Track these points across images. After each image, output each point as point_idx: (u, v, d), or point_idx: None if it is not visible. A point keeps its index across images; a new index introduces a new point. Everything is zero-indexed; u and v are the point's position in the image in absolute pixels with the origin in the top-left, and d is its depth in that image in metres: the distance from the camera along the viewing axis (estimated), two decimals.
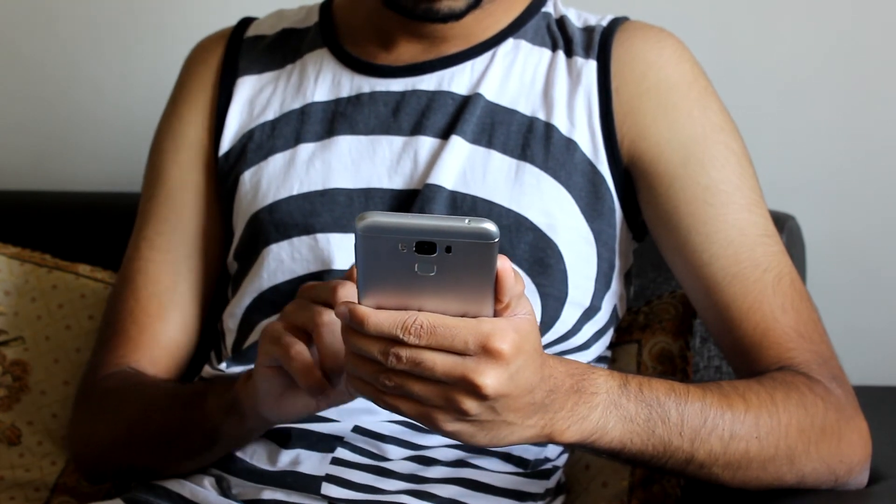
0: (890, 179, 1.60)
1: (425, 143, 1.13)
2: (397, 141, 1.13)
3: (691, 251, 1.10)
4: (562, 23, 1.18)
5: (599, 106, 1.13)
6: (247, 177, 1.17)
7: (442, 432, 0.83)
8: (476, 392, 0.80)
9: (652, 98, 1.12)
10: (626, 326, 1.24)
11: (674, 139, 1.11)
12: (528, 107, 1.14)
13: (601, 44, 1.15)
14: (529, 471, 1.10)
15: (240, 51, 1.24)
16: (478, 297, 0.80)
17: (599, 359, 1.18)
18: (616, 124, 1.12)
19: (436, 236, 0.77)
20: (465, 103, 1.14)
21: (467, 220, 0.76)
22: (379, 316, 0.80)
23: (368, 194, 1.12)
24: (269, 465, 1.06)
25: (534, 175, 1.10)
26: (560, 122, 1.12)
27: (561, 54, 1.16)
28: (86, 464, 1.20)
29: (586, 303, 1.13)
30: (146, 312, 1.19)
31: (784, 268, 1.09)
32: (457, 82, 1.15)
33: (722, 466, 0.96)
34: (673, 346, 1.22)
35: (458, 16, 1.10)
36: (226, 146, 1.20)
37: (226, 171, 1.20)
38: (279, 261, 1.13)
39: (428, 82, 1.15)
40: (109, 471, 1.19)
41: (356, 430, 1.07)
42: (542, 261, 1.10)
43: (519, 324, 0.81)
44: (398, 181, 1.12)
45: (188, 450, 1.08)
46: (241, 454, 1.08)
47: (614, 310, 1.18)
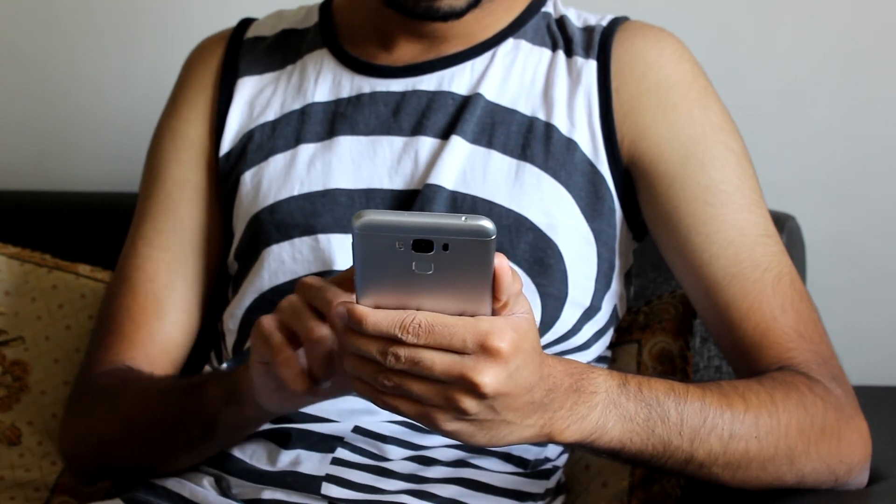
0: (890, 179, 1.60)
1: (425, 143, 1.13)
2: (398, 141, 1.14)
3: (691, 251, 1.10)
4: (562, 23, 1.18)
5: (599, 106, 1.13)
6: (247, 177, 1.17)
7: (442, 432, 0.83)
8: (475, 391, 0.80)
9: (652, 98, 1.12)
10: (626, 326, 1.24)
11: (674, 139, 1.11)
12: (528, 107, 1.14)
13: (601, 44, 1.15)
14: (529, 471, 1.10)
15: (240, 52, 1.24)
16: (475, 296, 0.80)
17: (599, 359, 1.17)
18: (616, 124, 1.12)
19: (433, 234, 0.77)
20: (465, 103, 1.14)
21: (464, 218, 0.76)
22: (377, 315, 0.79)
23: (369, 195, 1.12)
24: (269, 466, 1.06)
25: (534, 175, 1.10)
26: (560, 121, 1.12)
27: (561, 54, 1.16)
28: (80, 464, 1.19)
29: (586, 303, 1.13)
30: (143, 310, 1.19)
31: (784, 268, 1.09)
32: (457, 82, 1.15)
33: (722, 466, 0.96)
34: (673, 346, 1.22)
35: (458, 14, 1.10)
36: (226, 146, 1.20)
37: (226, 172, 1.20)
38: (280, 261, 1.13)
39: (428, 82, 1.15)
40: (105, 470, 1.18)
41: (356, 430, 1.07)
42: (542, 261, 1.10)
43: (517, 322, 0.81)
44: (399, 181, 1.12)
45: (186, 442, 1.08)
46: (241, 454, 1.08)
47: (614, 310, 1.18)
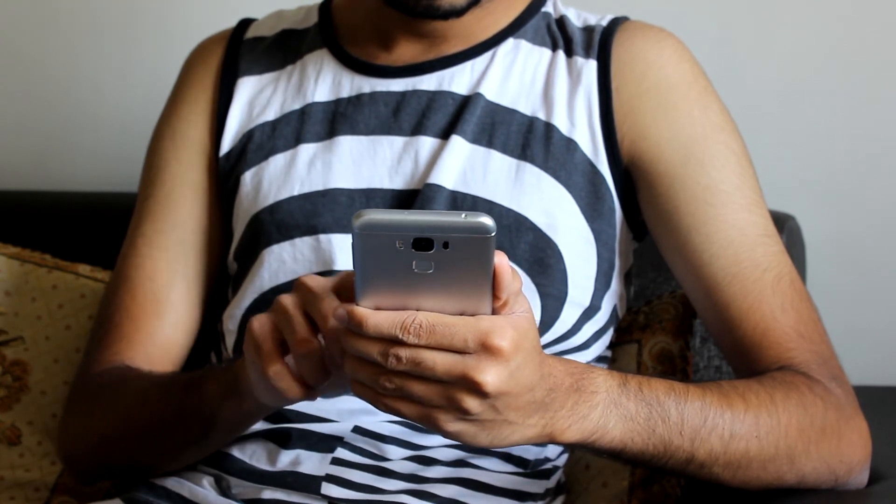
0: (890, 179, 1.60)
1: (426, 143, 1.13)
2: (398, 141, 1.13)
3: (691, 251, 1.10)
4: (562, 22, 1.18)
5: (599, 106, 1.13)
6: (247, 177, 1.17)
7: (444, 433, 0.83)
8: (477, 390, 0.80)
9: (652, 98, 1.12)
10: (626, 326, 1.24)
11: (674, 139, 1.11)
12: (528, 106, 1.14)
13: (601, 43, 1.15)
14: (529, 471, 1.10)
15: (240, 52, 1.24)
16: (476, 295, 0.80)
17: (599, 359, 1.17)
18: (616, 124, 1.12)
19: (433, 232, 0.76)
20: (465, 103, 1.14)
21: (464, 215, 0.76)
22: (378, 317, 0.79)
23: (369, 194, 1.12)
24: (268, 466, 1.06)
25: (534, 175, 1.10)
26: (560, 121, 1.12)
27: (561, 54, 1.16)
28: (78, 464, 1.19)
29: (586, 302, 1.13)
30: (142, 310, 1.19)
31: (784, 268, 1.09)
32: (457, 82, 1.15)
33: (722, 466, 0.96)
34: (673, 346, 1.22)
35: (459, 12, 1.10)
36: (226, 146, 1.20)
37: (226, 172, 1.20)
38: (281, 261, 1.13)
39: (428, 82, 1.15)
40: (104, 469, 1.18)
41: (356, 430, 1.07)
42: (541, 261, 1.10)
43: (517, 321, 0.81)
44: (399, 181, 1.12)
45: (185, 439, 1.07)
46: (241, 454, 1.08)
47: (614, 310, 1.18)
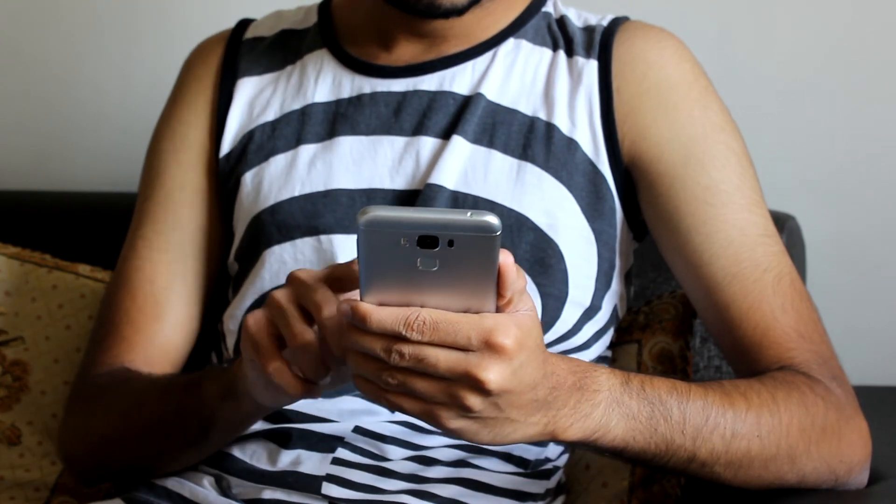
0: (890, 179, 1.60)
1: (427, 143, 1.13)
2: (399, 141, 1.13)
3: (692, 251, 1.10)
4: (562, 22, 1.18)
5: (600, 106, 1.13)
6: (248, 178, 1.17)
7: (446, 430, 0.83)
8: (479, 387, 0.80)
9: (652, 98, 1.12)
10: (626, 326, 1.24)
11: (674, 139, 1.11)
12: (529, 107, 1.14)
13: (602, 43, 1.15)
14: (530, 471, 1.10)
15: (239, 52, 1.24)
16: (480, 292, 0.79)
17: (599, 359, 1.17)
18: (617, 124, 1.12)
19: (438, 230, 0.76)
20: (466, 103, 1.14)
21: (469, 213, 0.76)
22: (381, 313, 0.79)
23: (370, 195, 1.12)
24: (269, 466, 1.06)
25: (535, 175, 1.10)
26: (561, 121, 1.12)
27: (562, 54, 1.16)
28: (79, 464, 1.19)
29: (587, 302, 1.13)
30: (142, 312, 1.19)
31: (784, 268, 1.09)
32: (458, 82, 1.15)
33: (724, 465, 0.96)
34: (673, 346, 1.22)
35: (460, 11, 1.10)
36: (226, 147, 1.20)
37: (227, 173, 1.20)
38: (282, 262, 1.13)
39: (429, 82, 1.15)
40: (104, 470, 1.18)
41: (357, 430, 1.07)
42: (542, 261, 1.10)
43: (521, 319, 0.81)
44: (400, 181, 1.12)
45: (185, 439, 1.07)
46: (241, 454, 1.08)
47: (614, 310, 1.18)
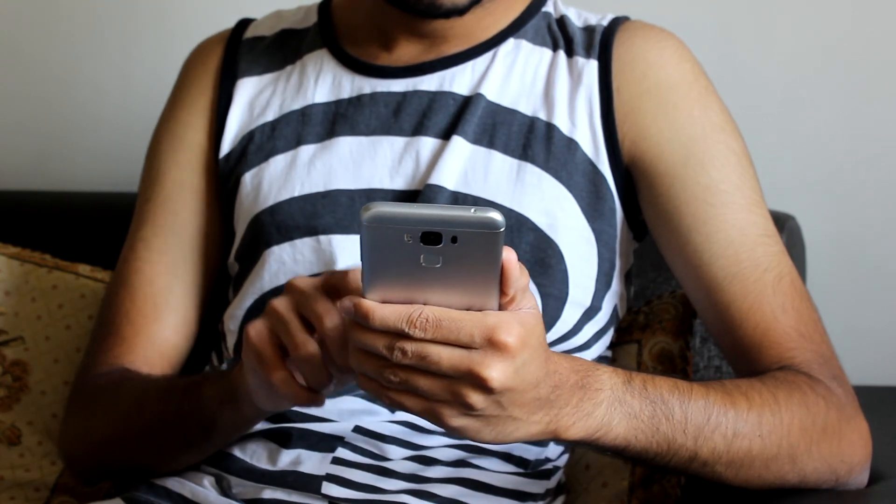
0: (890, 179, 1.60)
1: (426, 143, 1.13)
2: (398, 141, 1.13)
3: (692, 251, 1.10)
4: (562, 22, 1.18)
5: (600, 106, 1.13)
6: (247, 178, 1.17)
7: (448, 428, 0.83)
8: (482, 385, 0.80)
9: (653, 98, 1.12)
10: (626, 326, 1.24)
11: (674, 139, 1.11)
12: (529, 107, 1.14)
13: (602, 44, 1.15)
14: (530, 471, 1.10)
15: (238, 52, 1.24)
16: (483, 290, 0.79)
17: (599, 359, 1.17)
18: (617, 124, 1.12)
19: (442, 226, 0.76)
20: (466, 103, 1.13)
21: (473, 210, 0.76)
22: (384, 310, 0.79)
23: (370, 195, 1.12)
24: (269, 465, 1.06)
25: (535, 175, 1.10)
26: (561, 121, 1.12)
27: (562, 54, 1.16)
28: (79, 464, 1.20)
29: (587, 303, 1.13)
30: (141, 313, 1.19)
31: (784, 268, 1.09)
32: (458, 82, 1.15)
33: (725, 465, 0.96)
34: (673, 346, 1.22)
35: (461, 11, 1.10)
36: (226, 148, 1.20)
37: (226, 173, 1.20)
38: (281, 262, 1.13)
39: (429, 83, 1.15)
40: (104, 470, 1.18)
41: (357, 430, 1.07)
42: (543, 261, 1.10)
43: (524, 317, 0.81)
44: (399, 182, 1.12)
45: (184, 442, 1.08)
46: (241, 454, 1.08)
47: (614, 310, 1.18)
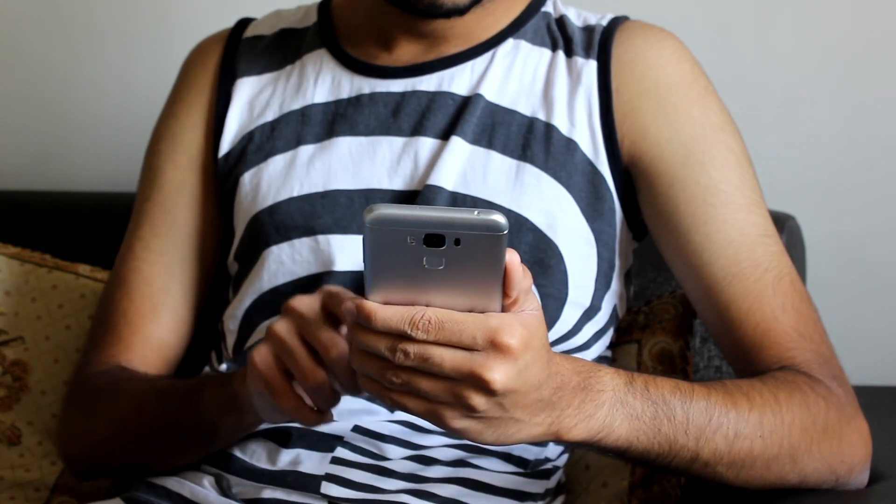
0: (890, 179, 1.60)
1: (425, 143, 1.12)
2: (397, 142, 1.13)
3: (691, 251, 1.10)
4: (561, 22, 1.18)
5: (600, 106, 1.12)
6: (247, 178, 1.17)
7: (449, 430, 0.83)
8: (484, 387, 0.80)
9: (652, 98, 1.12)
10: (626, 326, 1.24)
11: (674, 139, 1.11)
12: (528, 107, 1.13)
13: (601, 43, 1.15)
14: (529, 471, 1.10)
15: (238, 51, 1.24)
16: (486, 292, 0.79)
17: (599, 359, 1.17)
18: (616, 124, 1.12)
19: (445, 228, 0.76)
20: (465, 104, 1.13)
21: (476, 212, 0.76)
22: (386, 311, 0.79)
23: (369, 195, 1.12)
24: (269, 465, 1.06)
25: (534, 175, 1.10)
26: (560, 122, 1.12)
27: (561, 54, 1.16)
28: (78, 463, 1.20)
29: (586, 303, 1.13)
30: (139, 313, 1.20)
31: (784, 268, 1.09)
32: (457, 83, 1.15)
33: (726, 465, 0.96)
34: (673, 346, 1.22)
35: (461, 11, 1.10)
36: (225, 148, 1.20)
37: (226, 173, 1.20)
38: (279, 262, 1.13)
39: (428, 83, 1.15)
40: (102, 469, 1.19)
41: (356, 429, 1.07)
42: (542, 261, 1.10)
43: (527, 319, 0.81)
44: (398, 182, 1.12)
45: (183, 443, 1.08)
46: (241, 454, 1.08)
47: (614, 310, 1.18)
